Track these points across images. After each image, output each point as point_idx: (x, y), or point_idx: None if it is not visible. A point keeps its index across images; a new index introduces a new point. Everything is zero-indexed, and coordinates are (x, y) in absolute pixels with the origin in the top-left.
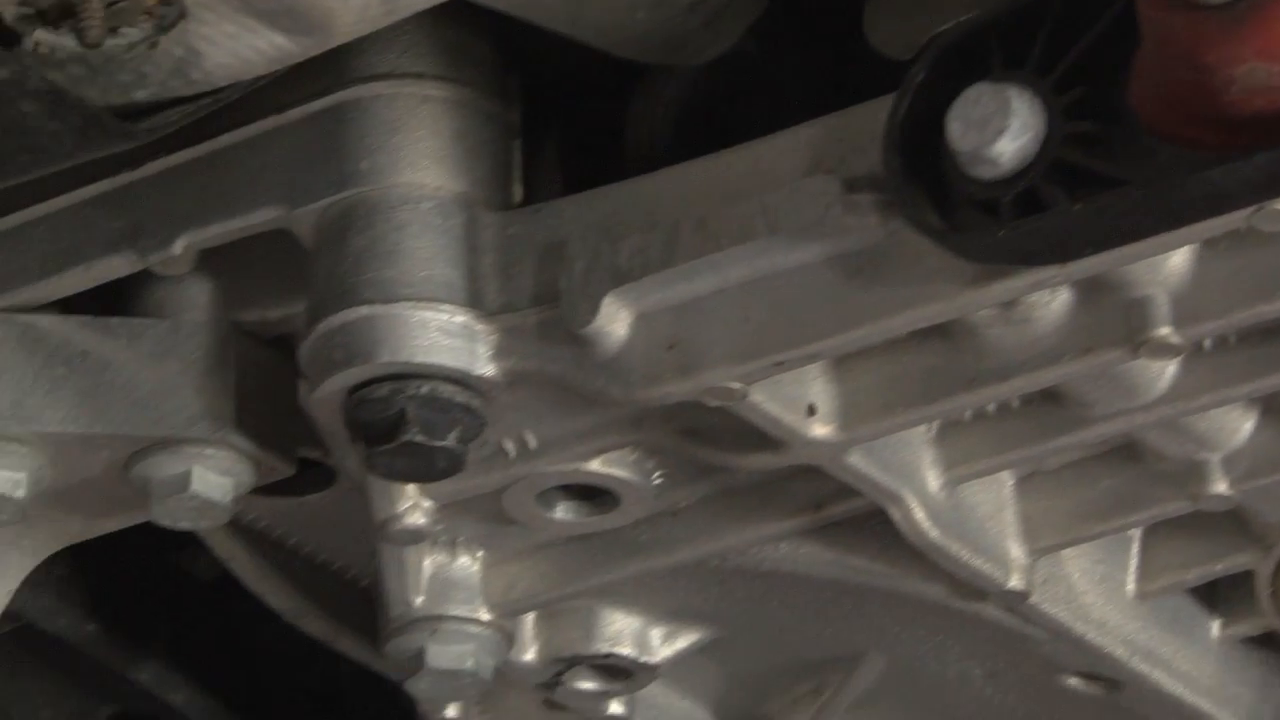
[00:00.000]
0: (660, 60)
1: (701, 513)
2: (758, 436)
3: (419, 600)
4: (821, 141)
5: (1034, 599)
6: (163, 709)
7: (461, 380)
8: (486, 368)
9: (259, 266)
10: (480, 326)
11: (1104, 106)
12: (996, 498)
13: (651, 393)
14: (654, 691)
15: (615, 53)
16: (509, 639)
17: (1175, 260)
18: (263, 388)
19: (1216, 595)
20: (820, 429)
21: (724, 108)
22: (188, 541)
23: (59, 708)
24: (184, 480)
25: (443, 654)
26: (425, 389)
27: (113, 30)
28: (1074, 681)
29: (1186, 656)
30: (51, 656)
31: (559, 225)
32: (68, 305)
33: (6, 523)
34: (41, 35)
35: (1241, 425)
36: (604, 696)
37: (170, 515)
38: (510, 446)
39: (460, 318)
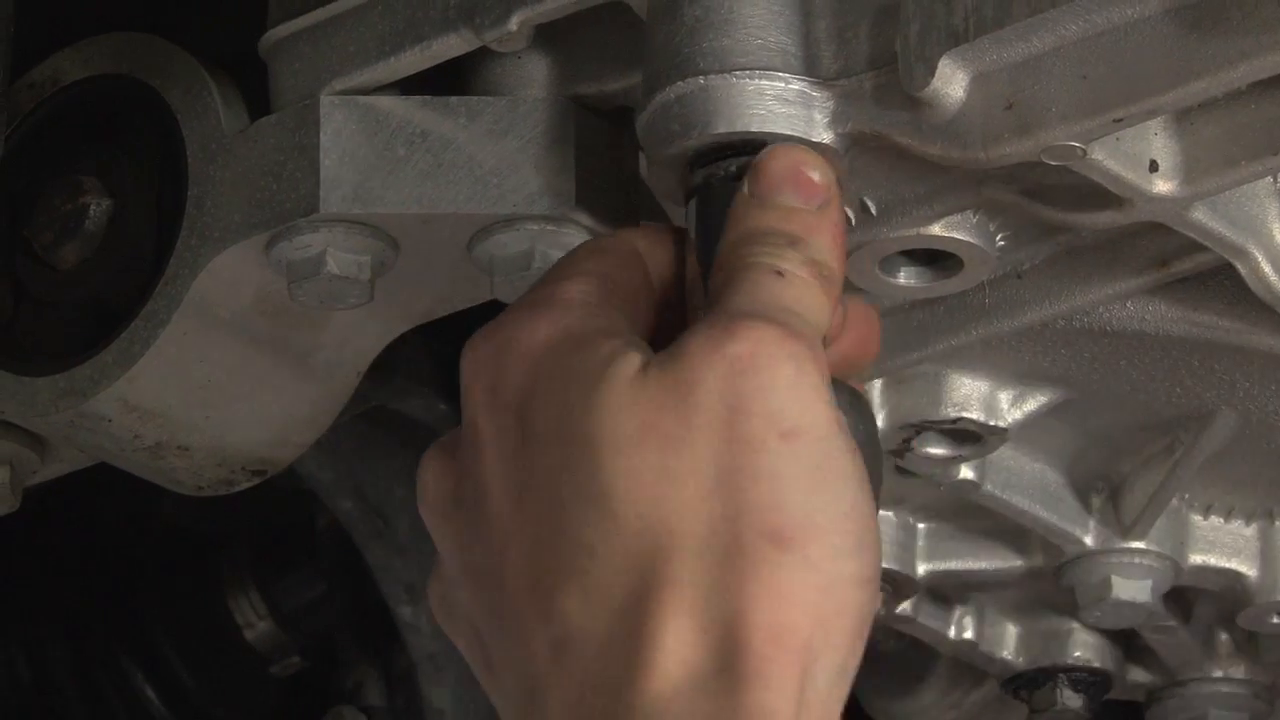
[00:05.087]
0: None
1: (1046, 274)
2: (1100, 195)
3: None
4: None
5: None
6: None
7: None
8: (824, 134)
9: (596, 40)
10: (816, 93)
11: None
12: None
13: (991, 153)
14: (1004, 455)
15: None
16: None
17: None
18: (602, 162)
19: None
20: (1163, 184)
21: None
22: None
23: (413, 486)
24: (527, 257)
25: None
26: None
27: None
28: None
29: None
30: (403, 436)
31: None
32: (406, 87)
33: (354, 304)
34: None
35: None
36: (954, 461)
37: (514, 293)
38: (850, 213)
39: (796, 85)
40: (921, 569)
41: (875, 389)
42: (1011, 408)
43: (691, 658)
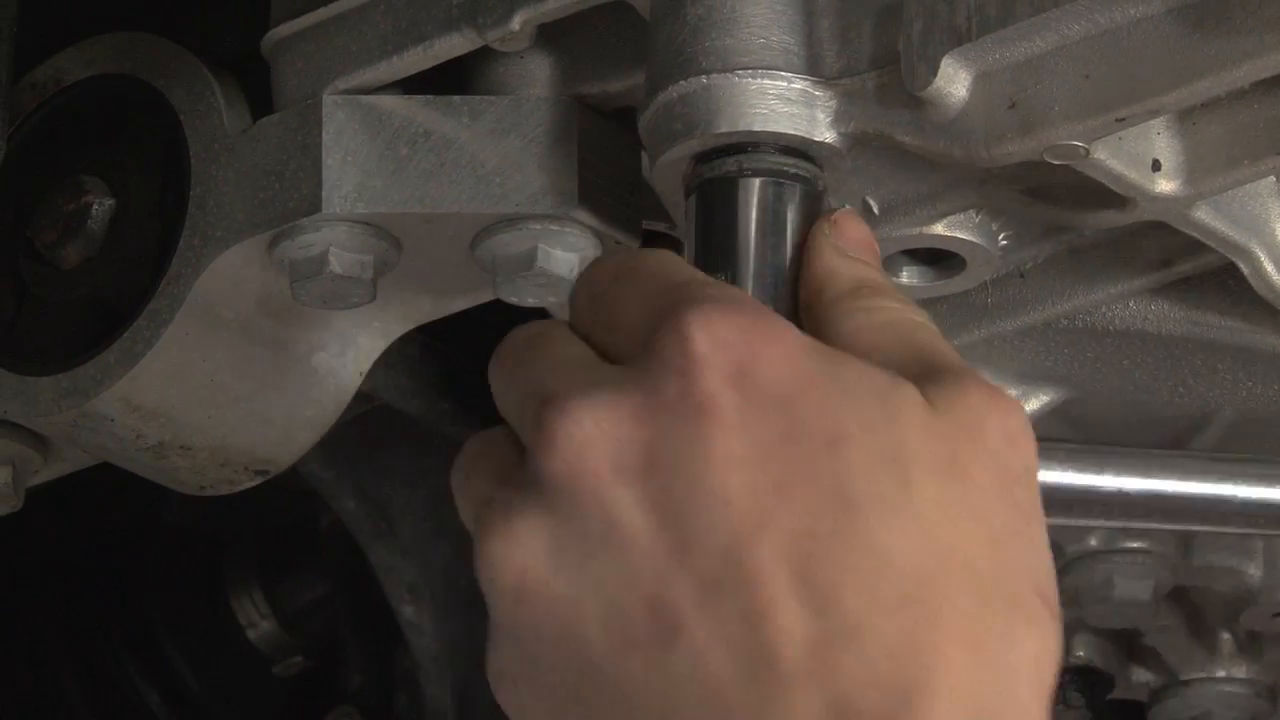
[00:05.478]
0: None
1: (1049, 273)
2: (1102, 194)
3: None
4: None
5: None
6: None
7: (801, 147)
8: (826, 134)
9: (599, 40)
10: (819, 92)
11: None
12: None
13: (993, 153)
14: None
15: None
16: None
17: None
18: (605, 161)
19: None
20: (1165, 184)
21: None
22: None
23: (416, 486)
24: (530, 257)
25: None
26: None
27: None
28: None
29: None
30: (405, 436)
31: None
32: (408, 86)
33: (357, 304)
34: None
35: None
36: None
37: (517, 292)
38: None
39: (799, 84)
40: None
41: None
42: None
43: (973, 695)
